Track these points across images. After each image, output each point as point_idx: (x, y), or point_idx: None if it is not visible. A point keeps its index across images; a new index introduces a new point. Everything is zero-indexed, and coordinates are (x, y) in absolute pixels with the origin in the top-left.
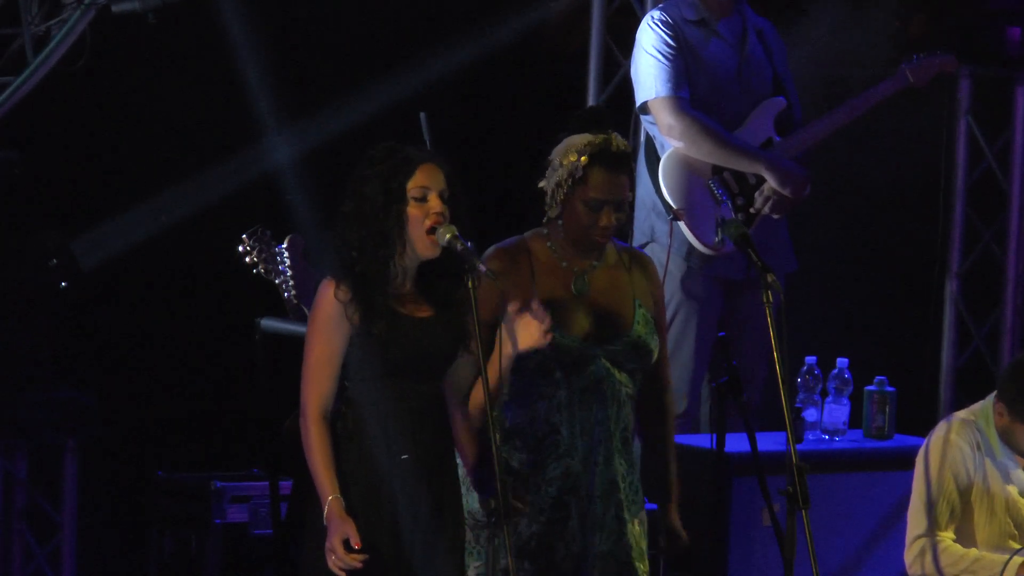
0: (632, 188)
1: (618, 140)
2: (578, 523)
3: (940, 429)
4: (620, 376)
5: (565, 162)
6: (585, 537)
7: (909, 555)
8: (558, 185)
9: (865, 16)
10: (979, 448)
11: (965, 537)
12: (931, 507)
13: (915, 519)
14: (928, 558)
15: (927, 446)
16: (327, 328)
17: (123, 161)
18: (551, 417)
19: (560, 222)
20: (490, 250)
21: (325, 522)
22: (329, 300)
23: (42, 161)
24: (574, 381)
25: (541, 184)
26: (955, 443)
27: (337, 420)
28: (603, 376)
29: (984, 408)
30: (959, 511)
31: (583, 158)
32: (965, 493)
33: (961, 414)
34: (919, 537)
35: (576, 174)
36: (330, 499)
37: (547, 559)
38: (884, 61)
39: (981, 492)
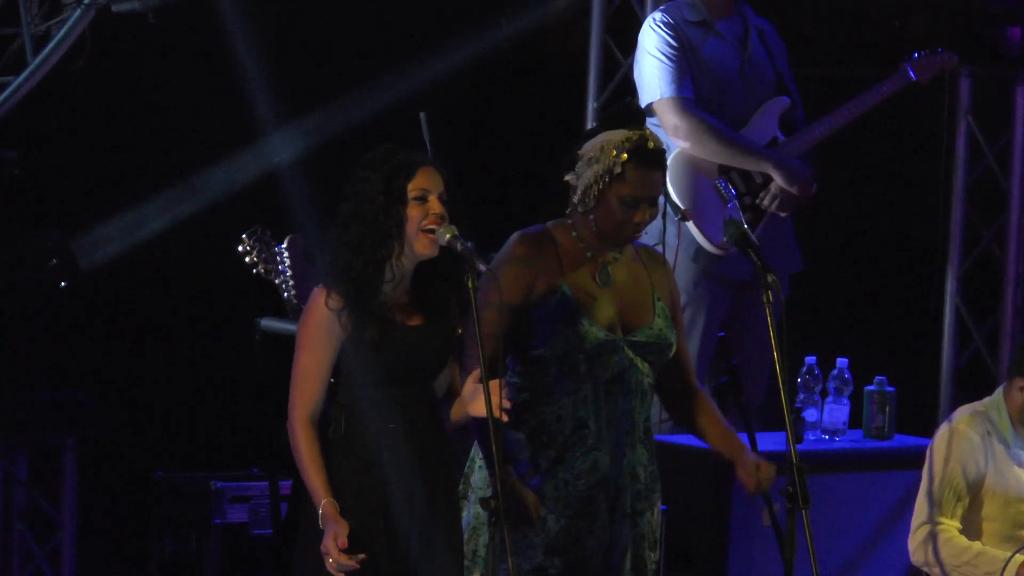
0: (665, 183)
1: (653, 136)
2: (607, 516)
3: (951, 420)
4: (642, 366)
5: (603, 158)
6: (614, 528)
7: (913, 542)
8: (593, 181)
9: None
10: (990, 435)
11: (973, 527)
12: (937, 495)
13: (920, 507)
14: (931, 547)
15: (938, 436)
16: (316, 337)
17: (123, 161)
18: (577, 411)
19: (591, 217)
20: (514, 236)
21: (321, 525)
22: (320, 308)
23: (42, 161)
24: (598, 373)
25: (568, 177)
26: (964, 433)
27: (329, 425)
28: (627, 366)
29: (994, 399)
30: (967, 501)
31: (622, 155)
32: (975, 484)
33: (971, 406)
34: (923, 524)
35: (614, 171)
36: (324, 502)
37: (576, 553)
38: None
39: (993, 482)
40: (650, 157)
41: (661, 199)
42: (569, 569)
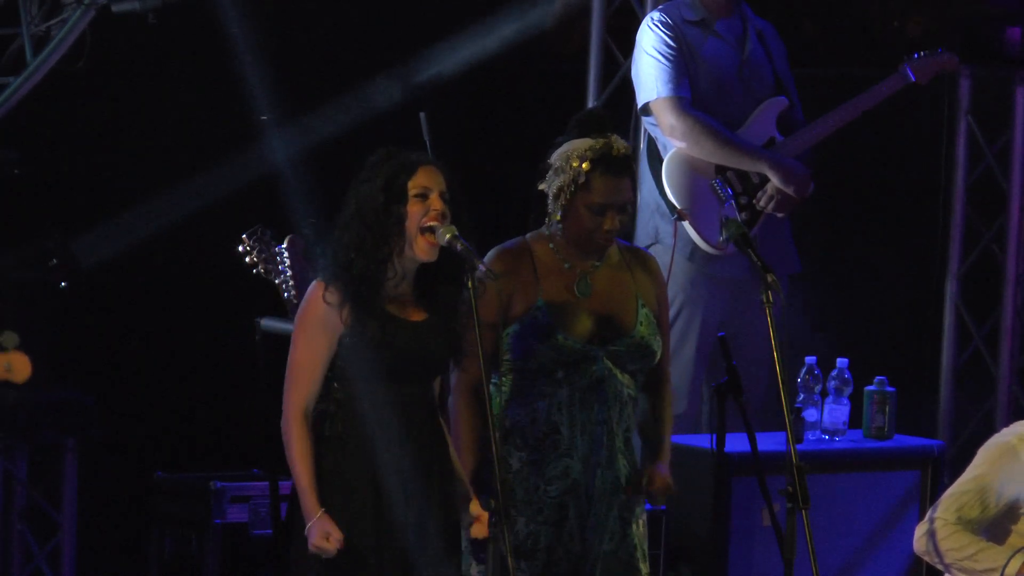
0: (634, 189)
1: (619, 143)
2: (576, 523)
3: (1010, 433)
4: (622, 377)
5: (567, 168)
6: (585, 538)
7: (919, 531)
8: (560, 191)
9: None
10: None
11: (998, 531)
12: (964, 498)
13: (945, 501)
14: (935, 539)
15: (993, 442)
16: (313, 330)
17: (123, 161)
18: (551, 416)
19: (560, 226)
20: (492, 252)
21: (307, 531)
22: (316, 302)
23: (42, 161)
24: (576, 381)
25: (541, 187)
26: (1019, 453)
27: (325, 421)
28: (605, 376)
29: None
30: (991, 515)
31: (585, 164)
32: (1008, 504)
33: None
34: (938, 518)
35: (579, 180)
36: (317, 516)
37: (544, 559)
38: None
39: None
40: (614, 164)
41: (659, 199)
42: (536, 574)
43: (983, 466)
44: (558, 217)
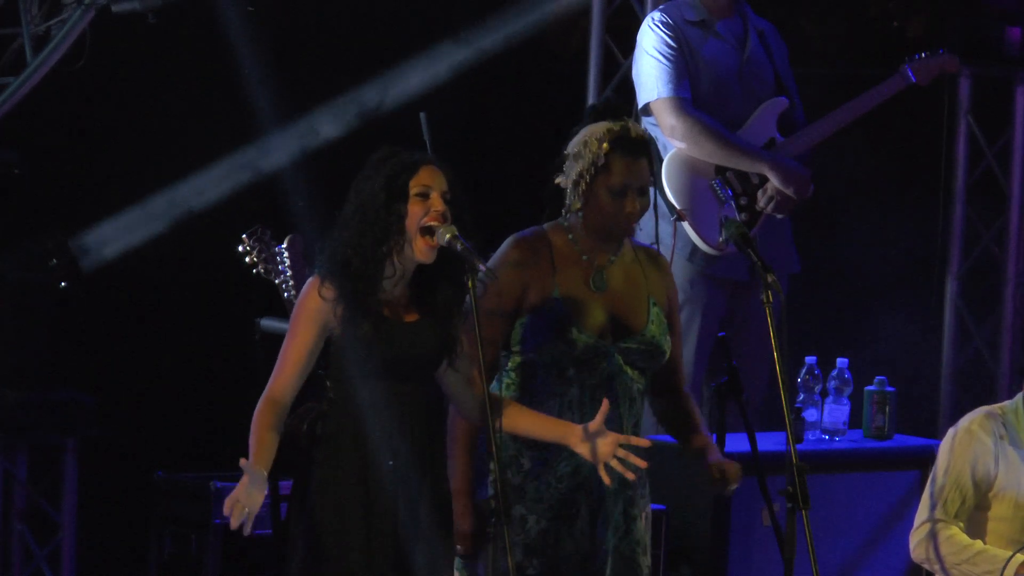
0: (652, 172)
1: (636, 126)
2: (588, 520)
3: (964, 420)
4: (632, 372)
5: (586, 152)
6: (595, 534)
7: (914, 538)
8: (580, 176)
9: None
10: (1003, 439)
11: (978, 527)
12: (942, 494)
13: (924, 504)
14: (931, 544)
15: (949, 435)
16: (304, 323)
17: (123, 161)
18: (562, 414)
19: (581, 214)
20: (508, 240)
21: (244, 470)
22: (312, 297)
23: (42, 161)
24: (586, 378)
25: (558, 180)
26: (976, 434)
27: (318, 421)
28: (616, 372)
29: (1014, 403)
30: (972, 502)
31: (604, 145)
32: (982, 486)
33: (987, 408)
34: (926, 522)
35: (598, 162)
36: (252, 464)
37: (554, 555)
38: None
39: (1004, 485)
40: (633, 145)
41: (658, 199)
42: (547, 570)
43: (949, 458)
44: (578, 205)
